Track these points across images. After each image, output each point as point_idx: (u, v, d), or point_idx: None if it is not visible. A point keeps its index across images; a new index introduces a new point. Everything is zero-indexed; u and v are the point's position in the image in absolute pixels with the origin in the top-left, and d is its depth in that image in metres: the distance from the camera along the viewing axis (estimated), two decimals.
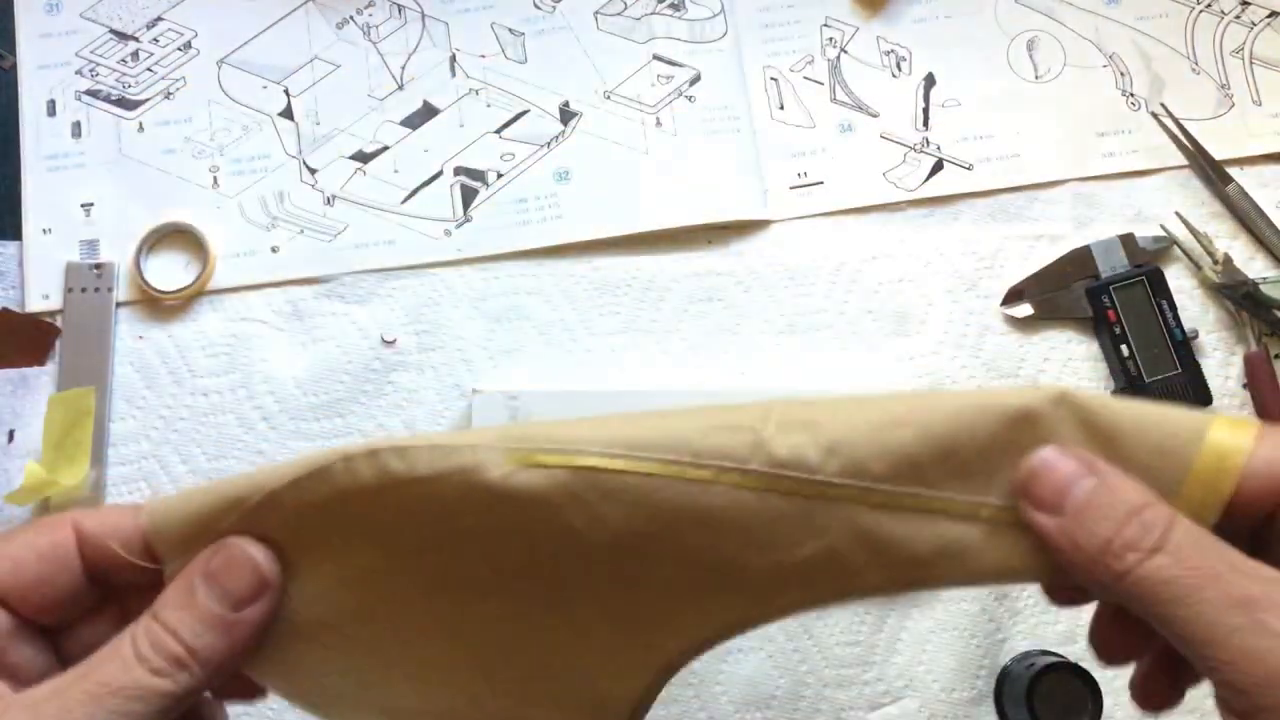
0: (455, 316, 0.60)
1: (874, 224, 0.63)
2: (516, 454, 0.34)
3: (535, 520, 0.34)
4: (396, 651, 0.36)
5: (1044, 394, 0.34)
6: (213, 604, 0.32)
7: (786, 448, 0.34)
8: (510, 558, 0.35)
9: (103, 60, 0.63)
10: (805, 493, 0.34)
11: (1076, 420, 0.34)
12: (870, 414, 0.35)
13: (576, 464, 0.34)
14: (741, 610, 0.36)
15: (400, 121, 0.63)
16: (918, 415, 0.34)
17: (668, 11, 0.65)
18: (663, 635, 0.36)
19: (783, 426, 0.34)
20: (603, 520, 0.34)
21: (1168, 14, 0.67)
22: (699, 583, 0.35)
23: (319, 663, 0.36)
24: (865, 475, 0.34)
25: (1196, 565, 0.30)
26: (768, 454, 0.34)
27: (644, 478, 0.34)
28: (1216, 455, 0.32)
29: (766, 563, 0.34)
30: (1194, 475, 0.33)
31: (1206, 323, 0.61)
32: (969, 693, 0.56)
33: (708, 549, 0.34)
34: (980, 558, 0.34)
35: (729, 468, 0.34)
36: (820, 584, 0.35)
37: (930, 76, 0.65)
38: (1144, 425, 0.34)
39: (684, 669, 0.38)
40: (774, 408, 0.35)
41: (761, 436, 0.34)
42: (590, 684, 0.37)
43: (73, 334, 0.58)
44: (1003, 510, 0.34)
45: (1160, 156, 0.64)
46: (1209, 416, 0.33)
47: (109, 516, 0.32)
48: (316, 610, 0.35)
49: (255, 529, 0.34)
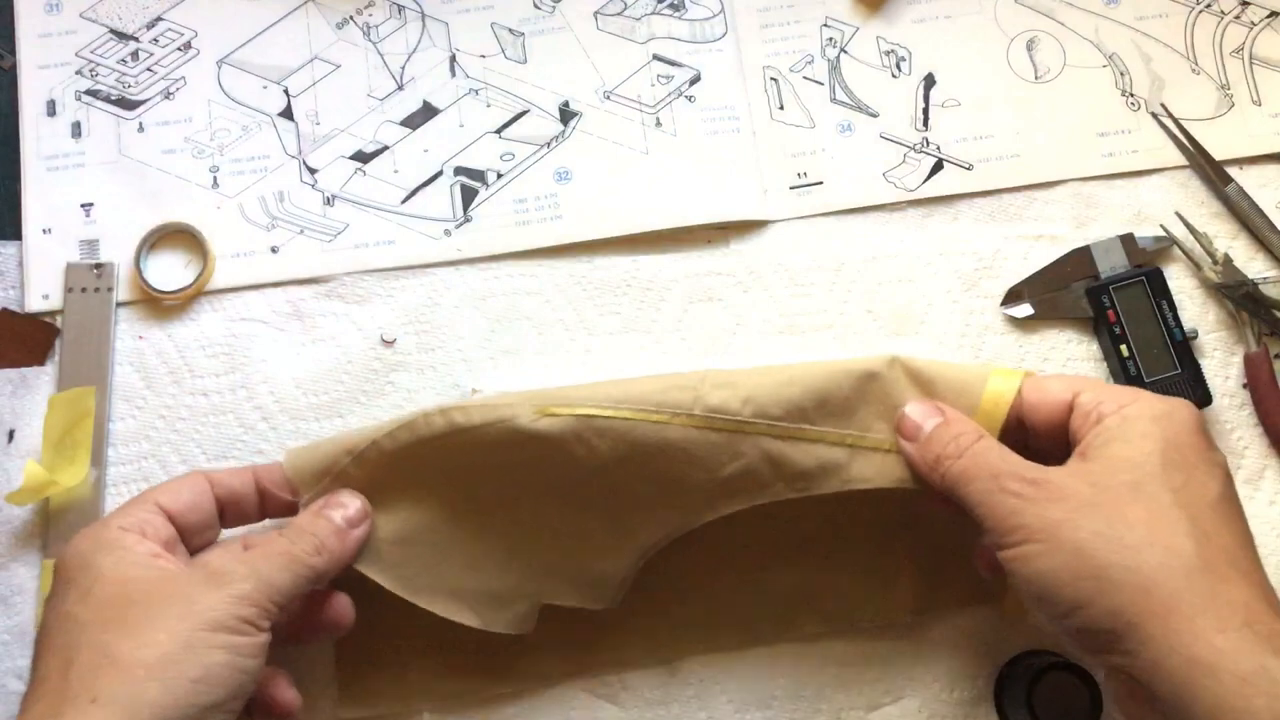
0: (455, 316, 0.60)
1: (874, 224, 0.63)
2: (539, 408, 0.50)
3: (551, 452, 0.50)
4: (455, 550, 0.52)
5: (882, 359, 0.52)
6: (337, 521, 0.49)
7: (717, 398, 0.50)
8: (534, 480, 0.51)
9: (103, 60, 0.63)
10: (729, 429, 0.50)
11: (905, 375, 0.52)
12: (772, 376, 0.52)
13: (578, 413, 0.50)
14: (690, 511, 0.52)
15: (400, 121, 0.63)
16: (803, 377, 0.51)
17: (668, 11, 0.65)
18: (638, 530, 0.52)
19: (714, 385, 0.51)
20: (596, 451, 0.50)
21: (1168, 14, 0.67)
22: (661, 492, 0.51)
23: (402, 560, 0.51)
24: (769, 416, 0.51)
25: (980, 463, 0.46)
26: (704, 403, 0.50)
27: (623, 421, 0.50)
28: (993, 396, 0.50)
29: (705, 477, 0.51)
30: (980, 409, 0.50)
31: (1206, 323, 0.61)
32: (969, 693, 0.56)
33: (666, 468, 0.51)
34: (847, 470, 0.51)
35: (679, 413, 0.50)
36: (741, 491, 0.51)
37: (930, 76, 0.65)
38: (947, 376, 0.51)
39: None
40: (708, 375, 0.51)
41: (700, 392, 0.51)
42: (590, 566, 0.53)
43: (73, 334, 0.58)
44: (860, 438, 0.51)
45: (1160, 156, 0.64)
46: (990, 368, 0.52)
47: (235, 476, 0.50)
48: (402, 524, 0.51)
49: (364, 467, 0.50)
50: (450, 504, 0.52)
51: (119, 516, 0.47)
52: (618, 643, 0.56)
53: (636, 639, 0.56)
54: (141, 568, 0.44)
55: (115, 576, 0.44)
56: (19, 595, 0.55)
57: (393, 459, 0.50)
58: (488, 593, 0.53)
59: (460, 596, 0.52)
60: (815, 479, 0.51)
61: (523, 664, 0.55)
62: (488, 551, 0.53)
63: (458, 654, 0.55)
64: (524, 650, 0.55)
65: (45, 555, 0.55)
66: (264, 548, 0.47)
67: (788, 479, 0.51)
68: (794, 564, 0.56)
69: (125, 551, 0.45)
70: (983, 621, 0.57)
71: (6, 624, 0.55)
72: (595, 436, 0.50)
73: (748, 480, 0.51)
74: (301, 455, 0.51)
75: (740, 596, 0.56)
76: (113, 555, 0.45)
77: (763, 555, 0.56)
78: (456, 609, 0.52)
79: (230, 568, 0.45)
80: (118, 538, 0.45)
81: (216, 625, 0.43)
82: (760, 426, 0.51)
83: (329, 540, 0.48)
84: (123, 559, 0.44)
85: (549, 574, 0.53)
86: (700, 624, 0.56)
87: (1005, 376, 0.51)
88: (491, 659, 0.55)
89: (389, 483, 0.51)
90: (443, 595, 0.52)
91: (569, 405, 0.50)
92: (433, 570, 0.52)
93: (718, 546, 0.56)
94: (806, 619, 0.56)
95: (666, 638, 0.56)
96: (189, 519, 0.48)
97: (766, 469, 0.51)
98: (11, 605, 0.55)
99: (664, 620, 0.56)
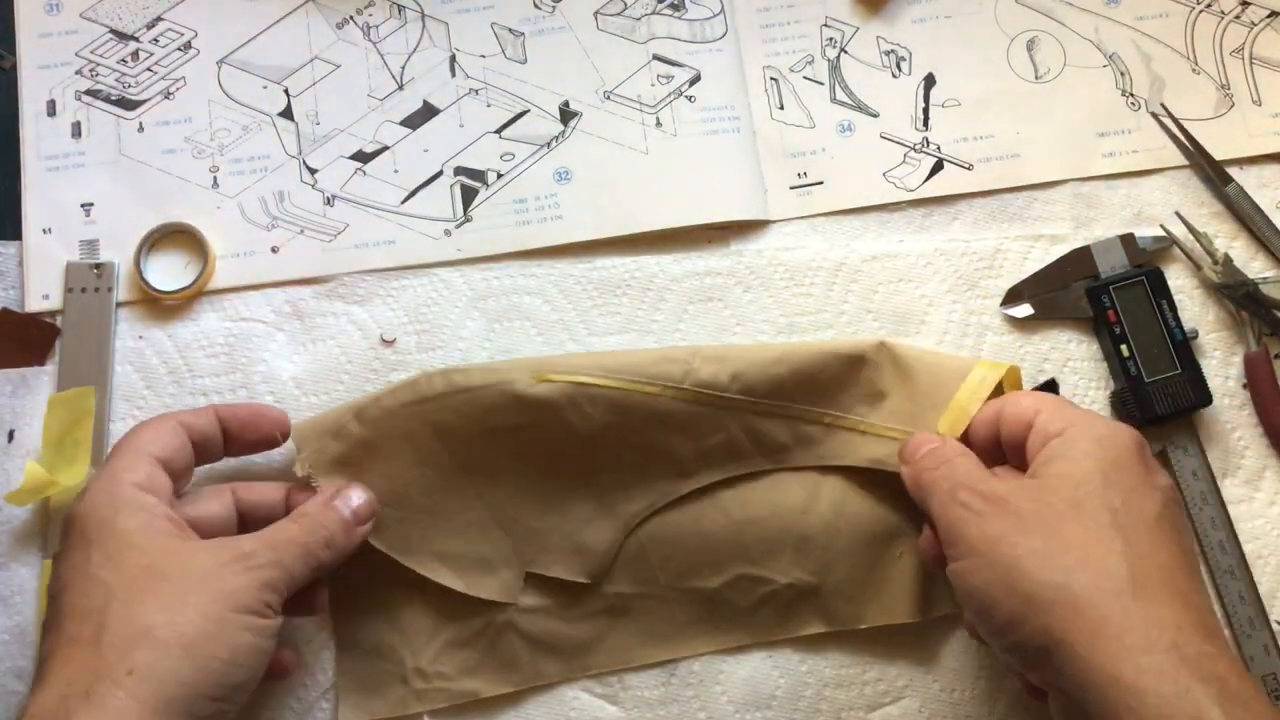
0: (455, 316, 0.60)
1: (874, 224, 0.63)
2: (535, 374, 0.53)
3: (545, 415, 0.53)
4: (446, 514, 0.54)
5: (870, 342, 0.56)
6: (346, 515, 0.50)
7: (707, 373, 0.54)
8: (526, 447, 0.54)
9: (103, 60, 0.63)
10: (716, 403, 0.54)
11: (890, 360, 0.56)
12: (761, 354, 0.55)
13: (573, 380, 0.53)
14: (673, 479, 0.55)
15: (400, 121, 0.63)
16: (791, 355, 0.55)
17: (668, 11, 0.65)
18: (623, 502, 0.55)
19: (704, 360, 0.54)
20: (589, 416, 0.53)
21: (1168, 14, 0.67)
22: (647, 460, 0.55)
23: (396, 521, 0.53)
24: (754, 393, 0.54)
25: (946, 475, 0.48)
26: (695, 377, 0.54)
27: (616, 390, 0.53)
28: (968, 389, 0.53)
29: (690, 448, 0.55)
30: (955, 400, 0.53)
31: (1206, 323, 0.61)
32: (969, 692, 0.56)
33: (653, 437, 0.54)
34: (822, 446, 0.55)
35: (670, 385, 0.54)
36: (723, 462, 0.55)
37: (930, 76, 0.65)
38: (929, 363, 0.55)
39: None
40: (699, 350, 0.55)
41: (691, 366, 0.54)
42: (576, 536, 0.55)
43: (73, 334, 0.58)
44: (839, 418, 0.55)
45: (1160, 156, 0.64)
46: (974, 362, 0.54)
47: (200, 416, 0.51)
48: (396, 484, 0.53)
49: (365, 424, 0.53)
50: (443, 467, 0.54)
51: (125, 469, 0.47)
52: (618, 644, 0.56)
53: (636, 639, 0.56)
54: (167, 536, 0.45)
55: (143, 544, 0.45)
56: (19, 595, 0.55)
57: (392, 417, 0.53)
58: (474, 557, 0.54)
59: (446, 559, 0.54)
60: (791, 452, 0.55)
61: (523, 666, 0.55)
62: (477, 517, 0.55)
63: (458, 654, 0.55)
64: (525, 652, 0.55)
65: (45, 555, 0.55)
66: (280, 534, 0.48)
67: (766, 451, 0.55)
68: (794, 564, 0.56)
69: (146, 514, 0.46)
70: None
71: (6, 624, 0.55)
72: (588, 403, 0.53)
73: (729, 451, 0.55)
74: (307, 421, 0.54)
75: (740, 596, 0.56)
76: (135, 518, 0.45)
77: (763, 555, 0.56)
78: (442, 572, 0.54)
79: (258, 551, 0.46)
80: (134, 497, 0.46)
81: (245, 608, 0.44)
82: (745, 402, 0.54)
83: (338, 535, 0.49)
84: (147, 525, 0.45)
85: (535, 542, 0.55)
86: (700, 624, 0.56)
87: (990, 368, 0.53)
88: (491, 660, 0.55)
89: (387, 442, 0.53)
90: (430, 557, 0.54)
91: (565, 372, 0.53)
92: (422, 532, 0.54)
93: (718, 546, 0.56)
94: (807, 619, 0.56)
95: (666, 638, 0.56)
96: (175, 465, 0.49)
97: (746, 441, 0.55)
98: (11, 605, 0.55)
99: (664, 620, 0.56)
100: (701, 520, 0.55)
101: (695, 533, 0.55)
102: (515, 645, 0.55)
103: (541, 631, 0.55)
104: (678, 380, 0.53)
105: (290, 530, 0.48)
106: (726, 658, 0.56)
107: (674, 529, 0.55)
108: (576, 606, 0.55)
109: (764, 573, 0.56)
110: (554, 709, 0.55)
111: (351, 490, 0.51)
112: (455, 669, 0.55)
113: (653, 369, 0.54)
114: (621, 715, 0.56)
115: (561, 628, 0.55)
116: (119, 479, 0.47)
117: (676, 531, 0.55)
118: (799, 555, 0.56)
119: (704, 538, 0.55)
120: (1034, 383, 0.60)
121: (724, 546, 0.56)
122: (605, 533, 0.55)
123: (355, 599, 0.55)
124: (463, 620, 0.55)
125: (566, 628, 0.55)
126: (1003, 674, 0.56)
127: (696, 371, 0.54)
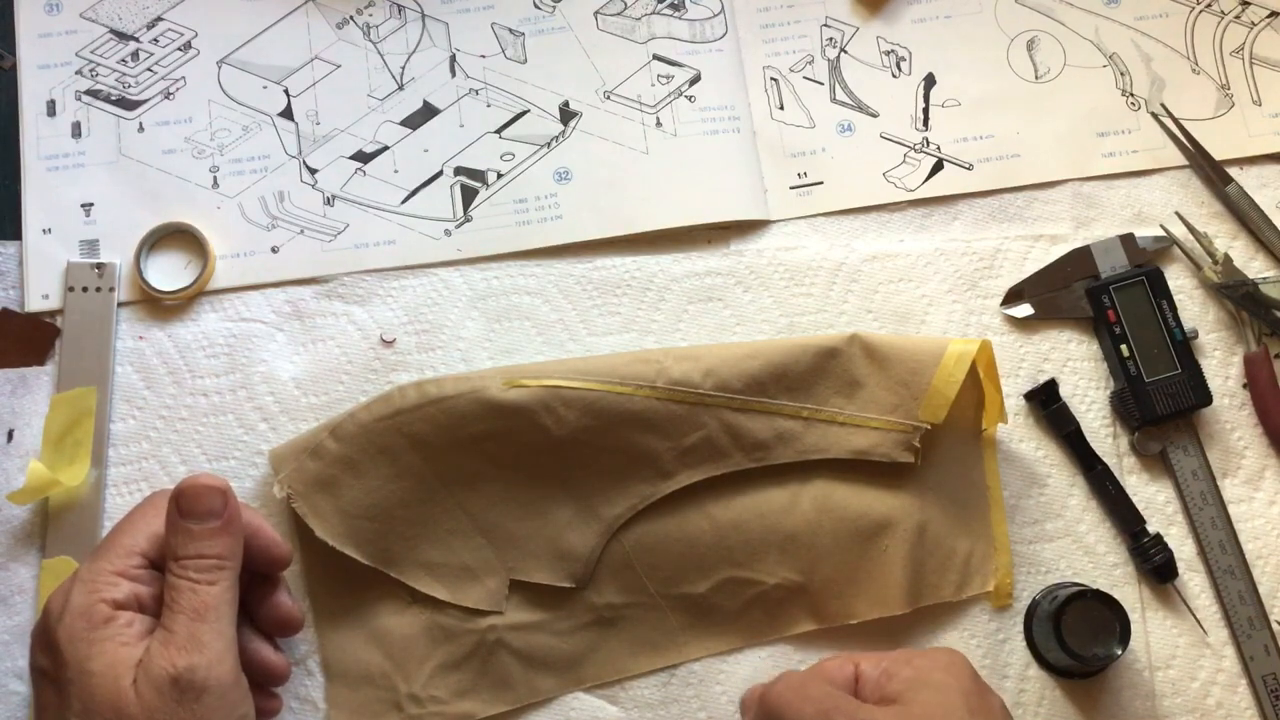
0: (455, 316, 0.60)
1: (874, 224, 0.63)
2: (508, 380, 0.54)
3: (520, 421, 0.53)
4: (428, 524, 0.54)
5: (842, 336, 0.56)
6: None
7: (680, 371, 0.54)
8: (503, 454, 0.54)
9: (103, 60, 0.63)
10: (691, 401, 0.54)
11: (863, 351, 0.56)
12: (733, 351, 0.55)
13: (546, 384, 0.53)
14: (652, 481, 0.55)
15: (400, 121, 0.63)
16: (764, 351, 0.55)
17: (668, 11, 0.65)
18: (603, 505, 0.55)
19: (677, 359, 0.55)
20: (563, 420, 0.53)
21: (1168, 14, 0.67)
22: (626, 462, 0.55)
23: (377, 535, 0.54)
24: (729, 389, 0.54)
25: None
26: (668, 376, 0.54)
27: (589, 392, 0.53)
28: (944, 374, 0.54)
29: (667, 447, 0.54)
30: (933, 385, 0.54)
31: (1206, 323, 0.61)
32: None
33: (630, 438, 0.54)
34: (801, 441, 0.55)
35: (643, 385, 0.54)
36: (702, 462, 0.55)
37: (930, 76, 0.65)
38: (902, 348, 0.56)
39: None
40: (671, 350, 0.56)
41: (663, 365, 0.54)
42: (557, 540, 0.55)
43: (73, 334, 0.58)
44: (816, 411, 0.55)
45: (1160, 156, 0.64)
46: (947, 342, 0.55)
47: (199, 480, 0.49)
48: (376, 498, 0.53)
49: (341, 441, 0.53)
50: (422, 478, 0.54)
51: (106, 585, 0.46)
52: (610, 655, 0.55)
53: (628, 649, 0.55)
54: (131, 684, 0.44)
55: (109, 700, 0.44)
56: (19, 595, 0.55)
57: (368, 432, 0.53)
58: (458, 566, 0.55)
59: (432, 569, 0.54)
60: (772, 449, 0.55)
61: (517, 684, 0.55)
62: (458, 525, 0.55)
63: (450, 677, 0.54)
64: (517, 669, 0.55)
65: (45, 555, 0.55)
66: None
67: (746, 449, 0.55)
68: (780, 564, 0.55)
69: (118, 650, 0.45)
70: (977, 615, 0.57)
71: (6, 624, 0.55)
72: (562, 406, 0.53)
73: (708, 450, 0.55)
74: (283, 445, 0.55)
75: (729, 600, 0.56)
76: (104, 658, 0.45)
77: (749, 557, 0.55)
78: (428, 581, 0.54)
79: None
80: (109, 620, 0.46)
81: (134, 660, 0.45)
82: (721, 399, 0.54)
83: (234, 551, 0.48)
84: (115, 665, 0.45)
85: (517, 548, 0.55)
86: (691, 629, 0.56)
87: (963, 346, 0.55)
88: (485, 680, 0.54)
89: (364, 457, 0.53)
90: (415, 567, 0.54)
91: (537, 377, 0.54)
92: (406, 542, 0.54)
93: (704, 551, 0.55)
94: (796, 618, 0.56)
95: (658, 646, 0.56)
96: (161, 549, 0.49)
97: (725, 439, 0.55)
98: (11, 605, 0.55)
99: (655, 628, 0.56)
100: (686, 526, 0.55)
101: (680, 539, 0.55)
102: (507, 663, 0.54)
103: (533, 647, 0.55)
104: (650, 380, 0.54)
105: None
106: (725, 657, 0.56)
107: (659, 536, 0.55)
108: (567, 620, 0.55)
109: (751, 574, 0.55)
110: (554, 709, 0.55)
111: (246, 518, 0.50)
112: (449, 692, 0.54)
113: (625, 370, 0.54)
114: (621, 715, 0.56)
115: (553, 642, 0.55)
116: (97, 588, 0.46)
117: (661, 539, 0.55)
118: (785, 555, 0.55)
119: (689, 543, 0.55)
120: (1034, 383, 0.60)
121: (710, 551, 0.55)
122: (587, 536, 0.55)
123: (342, 626, 0.54)
124: (453, 642, 0.54)
125: (558, 642, 0.55)
126: (997, 668, 0.56)
127: (669, 370, 0.54)
